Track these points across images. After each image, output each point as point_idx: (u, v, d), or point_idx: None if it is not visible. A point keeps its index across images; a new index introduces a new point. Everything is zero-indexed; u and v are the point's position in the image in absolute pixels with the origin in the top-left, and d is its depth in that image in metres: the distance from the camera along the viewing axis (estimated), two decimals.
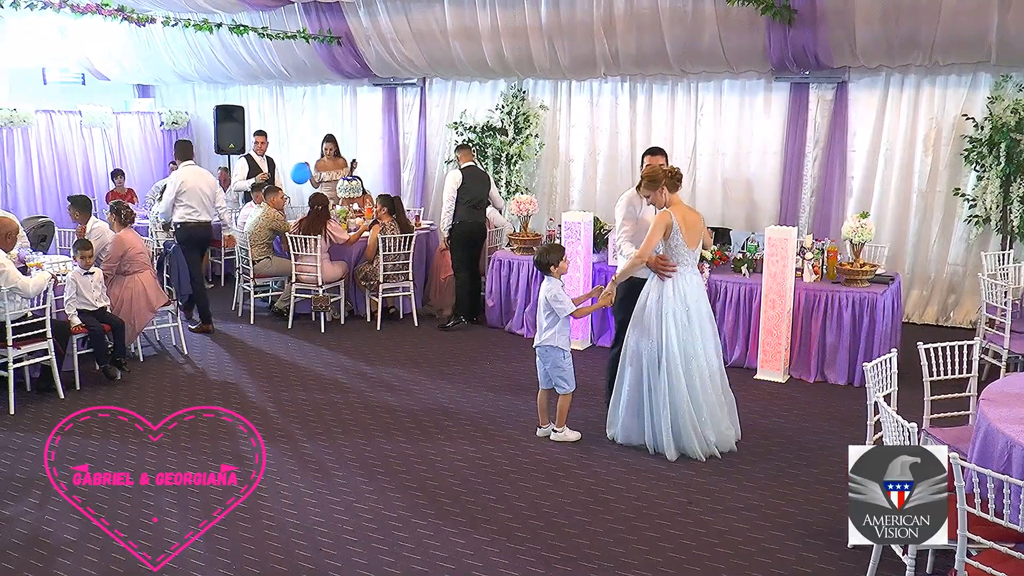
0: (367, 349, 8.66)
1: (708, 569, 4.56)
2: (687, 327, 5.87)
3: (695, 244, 5.95)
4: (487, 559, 4.64)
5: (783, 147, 10.49)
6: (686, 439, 5.88)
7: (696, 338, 5.90)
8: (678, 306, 5.86)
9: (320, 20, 12.09)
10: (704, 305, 6.05)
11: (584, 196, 11.84)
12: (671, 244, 5.85)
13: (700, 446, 5.90)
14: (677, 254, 5.88)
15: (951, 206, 9.68)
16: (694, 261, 6.01)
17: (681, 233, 5.82)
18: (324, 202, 9.55)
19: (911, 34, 8.97)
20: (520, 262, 9.19)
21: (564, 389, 6.24)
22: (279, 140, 13.75)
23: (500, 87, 12.28)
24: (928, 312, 9.91)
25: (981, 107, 9.28)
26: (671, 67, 10.63)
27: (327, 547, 4.75)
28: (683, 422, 5.87)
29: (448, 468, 5.83)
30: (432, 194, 13.08)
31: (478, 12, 11.06)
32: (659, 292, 5.90)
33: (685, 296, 5.89)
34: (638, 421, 6.05)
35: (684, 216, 5.89)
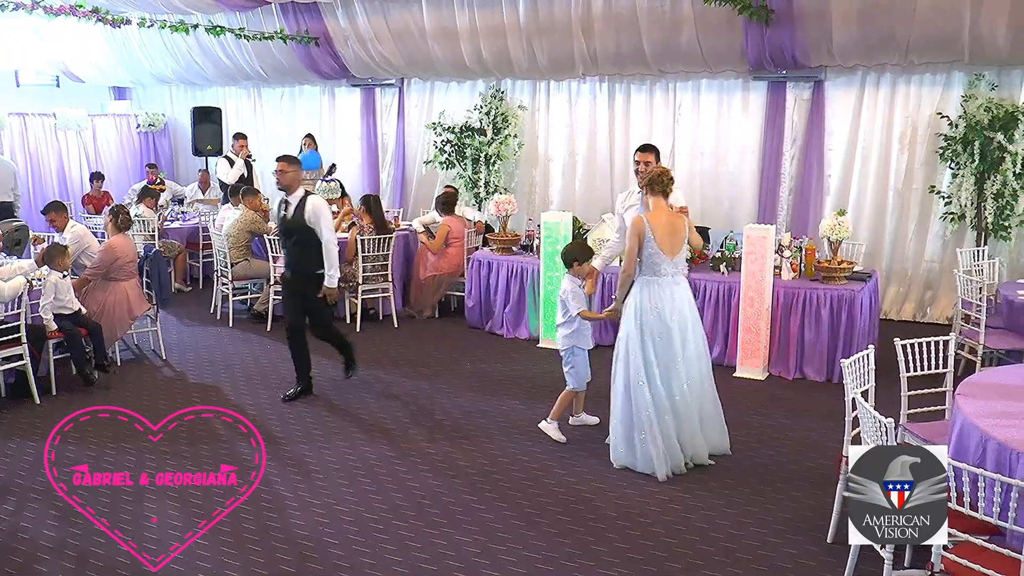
0: None
1: (689, 566, 4.57)
2: (667, 344, 5.59)
3: (676, 251, 5.60)
4: (468, 560, 4.63)
5: (761, 146, 10.55)
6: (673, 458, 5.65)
7: (677, 355, 5.62)
8: (654, 321, 5.57)
9: (298, 21, 12.06)
10: (689, 316, 5.70)
11: (563, 196, 11.86)
12: (645, 253, 5.57)
13: (674, 464, 5.65)
14: (653, 264, 5.57)
15: (927, 203, 9.77)
16: (676, 270, 5.65)
17: (655, 241, 5.51)
18: None
19: (887, 34, 9.06)
20: (500, 262, 9.19)
21: (574, 386, 6.25)
22: (257, 141, 13.68)
23: (479, 87, 12.29)
24: (905, 308, 9.99)
25: (955, 105, 9.37)
26: (649, 67, 10.68)
27: (308, 551, 4.73)
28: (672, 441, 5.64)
29: (429, 469, 5.82)
30: (411, 195, 13.07)
31: (456, 12, 11.07)
32: (635, 307, 5.65)
33: (662, 310, 5.58)
34: (626, 443, 5.76)
35: (666, 222, 5.57)
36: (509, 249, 9.32)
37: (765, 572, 4.52)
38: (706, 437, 5.83)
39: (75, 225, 8.47)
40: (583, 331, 6.21)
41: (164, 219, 11.42)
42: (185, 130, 14.49)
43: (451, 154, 11.88)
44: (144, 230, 10.67)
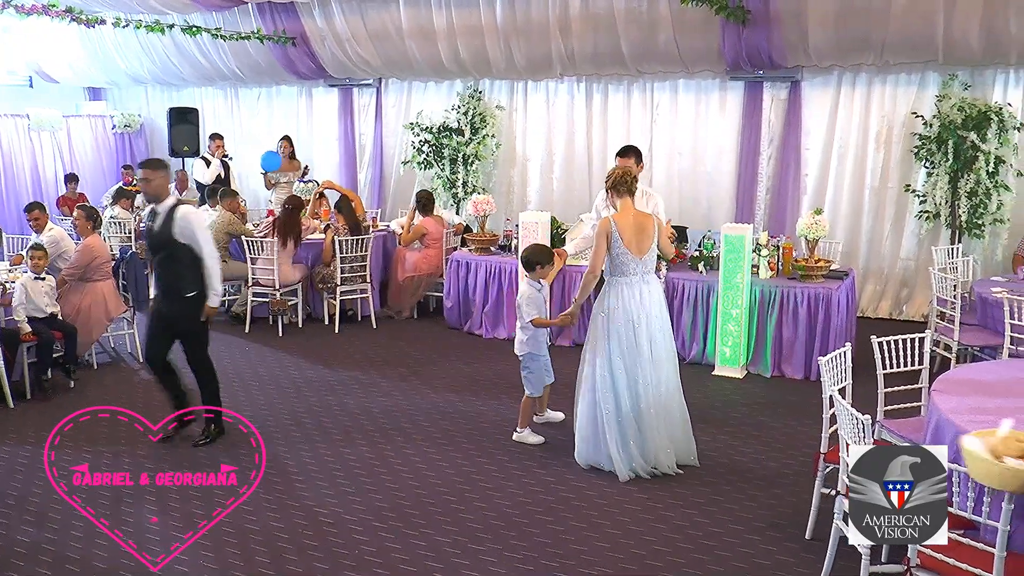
0: (326, 352, 8.59)
1: (670, 564, 4.59)
2: (632, 346, 5.55)
3: (644, 251, 5.55)
4: (448, 561, 4.63)
5: (738, 145, 10.61)
6: (635, 460, 5.63)
7: (644, 356, 5.56)
8: (622, 323, 5.55)
9: (275, 21, 12.00)
10: (657, 316, 5.64)
11: (541, 196, 11.88)
12: (613, 253, 5.53)
13: (640, 467, 5.63)
14: (620, 263, 5.54)
15: (903, 202, 9.85)
16: (644, 270, 5.60)
17: (622, 241, 5.48)
18: (300, 204, 9.49)
19: (862, 35, 9.14)
20: (478, 262, 9.19)
21: (530, 391, 6.24)
22: (234, 142, 13.59)
23: (456, 87, 12.28)
24: (882, 306, 10.07)
25: (930, 105, 9.45)
26: (627, 67, 10.71)
27: (288, 553, 4.71)
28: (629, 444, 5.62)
29: (408, 470, 5.81)
30: (389, 195, 13.04)
31: (434, 12, 11.05)
32: (603, 308, 5.64)
33: (630, 310, 5.54)
34: (592, 442, 5.77)
35: (633, 222, 5.54)
36: (487, 249, 9.31)
37: (744, 570, 4.54)
38: (673, 444, 5.74)
39: (53, 228, 8.40)
40: (539, 337, 6.19)
41: (141, 220, 11.33)
42: (162, 131, 14.36)
43: (429, 154, 11.86)
44: (120, 232, 10.59)
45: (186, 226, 5.92)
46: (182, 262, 5.98)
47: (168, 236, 5.92)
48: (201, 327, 6.24)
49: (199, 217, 6.16)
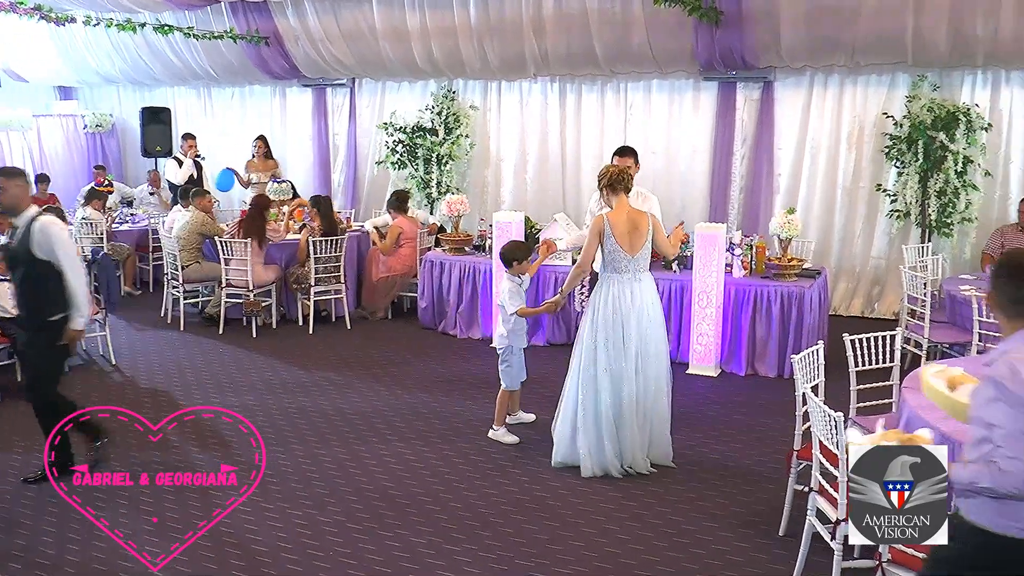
0: (300, 353, 8.55)
1: (644, 563, 4.60)
2: (619, 344, 5.55)
3: (637, 249, 5.55)
4: (423, 561, 4.62)
5: (712, 145, 10.66)
6: (608, 460, 5.63)
7: (631, 355, 5.56)
8: (610, 320, 5.56)
9: (247, 20, 11.92)
10: (649, 313, 5.63)
11: (515, 196, 11.88)
12: (605, 250, 5.57)
13: (612, 467, 5.63)
14: (613, 261, 5.57)
15: (874, 201, 9.94)
16: (637, 268, 5.60)
17: (615, 239, 5.51)
18: (265, 203, 9.43)
19: (833, 36, 9.22)
20: (452, 263, 9.18)
21: (507, 385, 6.27)
22: (207, 142, 13.49)
23: (430, 87, 12.26)
24: (854, 304, 10.16)
25: (900, 106, 9.54)
26: (600, 67, 10.73)
27: (261, 555, 4.68)
28: (604, 442, 5.63)
29: (383, 471, 5.79)
30: (363, 195, 13.00)
31: (407, 12, 11.04)
32: (593, 305, 5.67)
33: (620, 307, 5.56)
34: (571, 438, 5.77)
35: (627, 220, 5.55)
36: (461, 249, 9.31)
37: (719, 566, 4.57)
38: (650, 445, 5.75)
39: None
40: (519, 330, 6.23)
41: (113, 221, 11.23)
42: (134, 131, 14.25)
43: (403, 154, 11.83)
44: (92, 232, 10.49)
45: (44, 240, 5.28)
46: (45, 281, 5.32)
47: (26, 251, 5.30)
48: (52, 361, 5.55)
49: (60, 230, 5.42)
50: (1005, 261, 2.94)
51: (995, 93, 9.40)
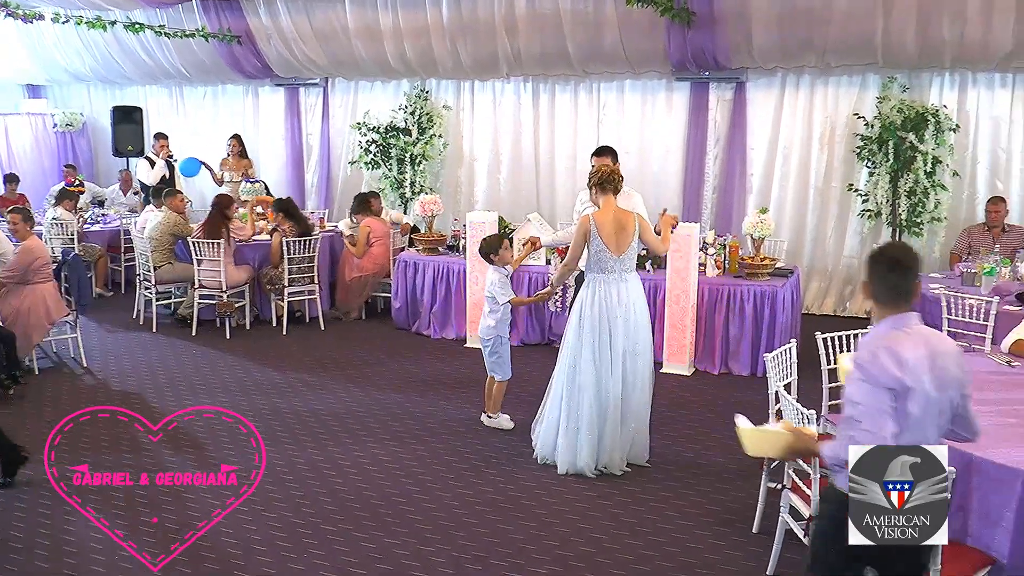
0: (273, 354, 8.51)
1: (619, 561, 4.62)
2: (605, 344, 5.58)
3: (623, 249, 5.56)
4: (398, 563, 4.61)
5: (685, 145, 10.71)
6: (581, 459, 5.65)
7: (617, 355, 5.59)
8: (597, 320, 5.58)
9: (219, 19, 11.84)
10: (636, 313, 5.64)
11: (489, 196, 11.88)
12: (591, 251, 5.57)
13: (586, 467, 5.64)
14: (599, 261, 5.58)
15: (845, 201, 10.03)
16: (623, 267, 5.61)
17: (601, 239, 5.52)
18: (226, 202, 9.35)
19: (805, 37, 9.30)
20: (426, 263, 9.16)
21: (499, 376, 6.34)
22: (179, 142, 13.37)
23: (403, 87, 12.23)
24: (826, 303, 10.25)
25: (871, 107, 9.63)
26: (573, 67, 10.76)
27: (235, 558, 4.65)
28: (582, 442, 5.64)
29: (357, 472, 5.77)
30: (337, 195, 12.94)
31: (380, 12, 11.01)
32: (580, 303, 5.69)
33: (605, 309, 5.57)
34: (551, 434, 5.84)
35: (613, 220, 5.56)
36: (435, 250, 9.30)
37: (693, 564, 4.59)
38: (626, 444, 5.76)
39: None
40: (506, 321, 6.32)
41: (84, 222, 11.11)
42: (105, 130, 14.10)
43: (376, 154, 11.80)
44: (63, 233, 10.37)
45: None
46: None
47: None
48: None
49: None
50: (881, 254, 3.16)
51: (962, 94, 9.53)
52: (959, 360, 3.05)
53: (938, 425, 3.02)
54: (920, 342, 2.98)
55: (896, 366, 2.90)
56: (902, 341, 2.97)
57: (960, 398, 3.07)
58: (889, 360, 2.91)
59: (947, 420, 3.06)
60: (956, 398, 3.05)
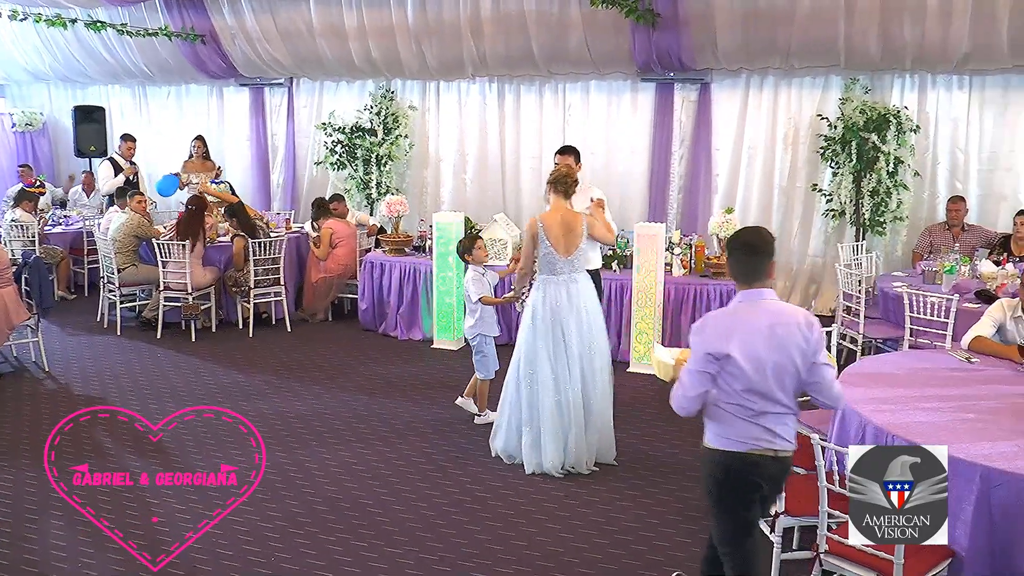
0: (239, 356, 8.44)
1: (587, 560, 4.64)
2: (560, 344, 5.60)
3: (571, 250, 5.60)
4: (365, 565, 4.59)
5: (650, 146, 10.75)
6: (546, 458, 5.67)
7: (572, 355, 5.61)
8: (549, 321, 5.60)
9: (183, 17, 11.71)
10: (586, 313, 5.68)
11: (455, 196, 11.86)
12: (540, 253, 5.61)
13: (552, 467, 5.66)
14: (548, 263, 5.61)
15: (810, 201, 10.13)
16: (572, 269, 5.64)
17: (548, 241, 5.55)
18: (202, 203, 9.27)
19: (768, 39, 9.38)
20: (392, 263, 9.13)
21: (482, 375, 6.37)
22: (143, 142, 13.20)
23: (368, 87, 12.18)
24: (792, 301, 10.21)
25: (834, 108, 9.74)
26: (539, 68, 10.77)
27: (201, 564, 4.61)
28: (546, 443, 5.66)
29: (324, 475, 5.74)
30: (303, 196, 12.84)
31: (344, 11, 10.95)
32: (532, 307, 5.70)
33: (556, 308, 5.60)
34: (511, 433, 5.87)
35: (561, 221, 5.58)
36: (402, 250, 9.26)
37: (661, 562, 4.62)
38: (592, 443, 5.77)
39: None
40: (487, 319, 6.34)
41: (45, 223, 10.94)
42: (66, 130, 13.88)
43: (342, 155, 11.73)
44: (23, 235, 10.21)
45: None
46: None
47: None
48: None
49: None
50: (736, 238, 3.54)
51: (923, 95, 9.66)
52: (805, 333, 3.36)
53: (783, 386, 3.37)
54: (761, 313, 3.38)
55: (718, 337, 3.35)
56: (740, 315, 3.41)
57: (810, 366, 3.37)
58: (714, 331, 3.39)
59: (794, 383, 3.39)
60: (801, 365, 3.36)
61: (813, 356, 3.37)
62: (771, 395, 3.36)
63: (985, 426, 3.99)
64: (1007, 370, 4.89)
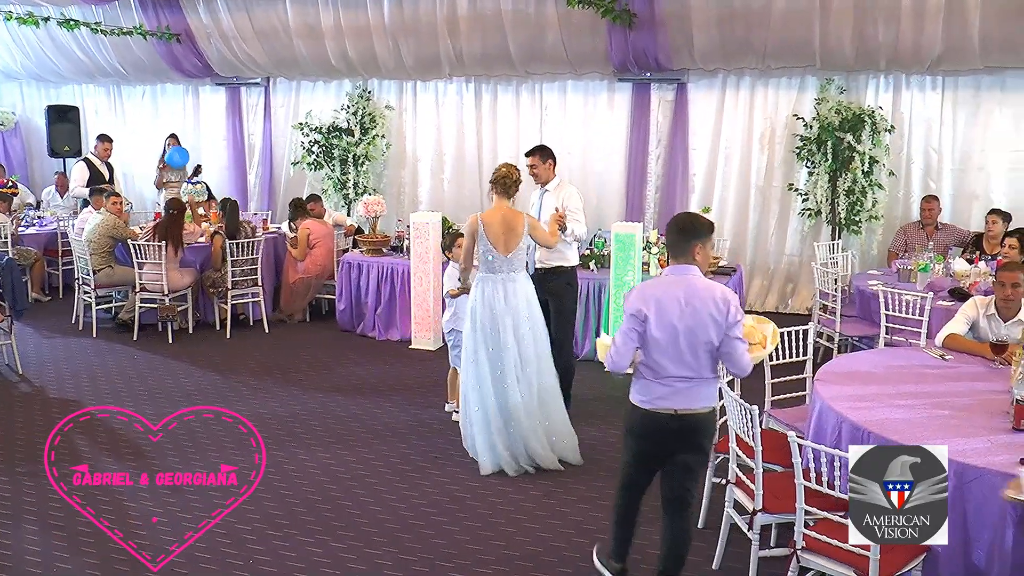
0: (217, 358, 8.39)
1: (565, 559, 4.64)
2: (498, 343, 5.64)
3: (511, 249, 5.64)
4: (344, 566, 4.58)
5: (627, 146, 10.79)
6: (502, 457, 5.68)
7: (511, 354, 5.64)
8: (487, 320, 5.64)
9: (158, 16, 11.62)
10: (525, 311, 5.71)
11: (432, 196, 11.85)
12: (480, 251, 5.66)
13: (507, 464, 5.68)
14: (487, 261, 5.66)
15: (786, 200, 10.20)
16: (511, 268, 5.68)
17: (488, 239, 5.60)
18: (181, 206, 9.21)
19: (744, 39, 9.45)
20: (370, 264, 9.10)
21: (455, 366, 6.36)
22: (118, 142, 13.09)
23: (345, 87, 12.14)
24: (769, 300, 10.41)
25: (809, 108, 9.82)
26: (515, 68, 10.78)
27: (179, 566, 4.58)
28: (496, 442, 5.68)
29: (302, 476, 5.72)
30: (280, 196, 12.78)
31: (321, 11, 10.92)
32: (472, 307, 5.73)
33: (495, 307, 5.64)
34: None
35: (501, 220, 5.63)
36: (379, 251, 9.24)
37: (638, 560, 4.62)
38: (550, 440, 5.78)
39: None
40: (460, 314, 6.29)
41: (19, 224, 10.82)
42: (39, 130, 13.74)
43: (319, 155, 11.70)
44: None
45: None
46: None
47: None
48: None
49: None
50: (672, 221, 3.96)
51: (897, 96, 9.75)
52: (720, 307, 3.72)
53: (695, 354, 3.77)
54: (681, 285, 3.79)
55: (640, 300, 3.79)
56: (663, 284, 3.86)
57: (724, 338, 3.73)
58: (638, 295, 3.83)
59: (707, 353, 3.77)
60: (715, 336, 3.73)
61: (728, 329, 3.72)
62: (680, 359, 3.77)
63: (959, 422, 4.03)
64: (980, 367, 4.94)
